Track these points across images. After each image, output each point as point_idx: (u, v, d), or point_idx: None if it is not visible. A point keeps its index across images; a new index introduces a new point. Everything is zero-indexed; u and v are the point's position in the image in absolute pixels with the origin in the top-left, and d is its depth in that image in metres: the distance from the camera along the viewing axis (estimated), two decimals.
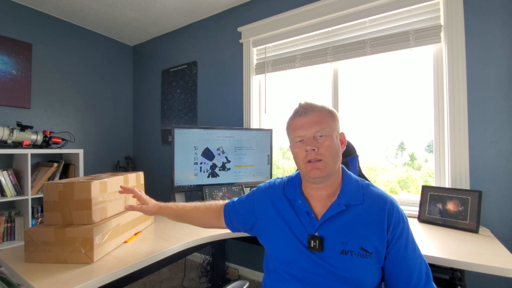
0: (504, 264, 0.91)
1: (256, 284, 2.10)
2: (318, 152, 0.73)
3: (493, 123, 1.40)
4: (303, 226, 0.76)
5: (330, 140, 0.74)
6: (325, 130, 0.74)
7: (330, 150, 0.73)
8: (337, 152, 0.75)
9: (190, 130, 1.81)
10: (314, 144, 0.73)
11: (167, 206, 1.00)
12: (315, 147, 0.73)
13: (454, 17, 1.47)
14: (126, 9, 2.41)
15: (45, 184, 1.01)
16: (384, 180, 1.90)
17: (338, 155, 0.76)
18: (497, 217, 1.38)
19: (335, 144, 0.75)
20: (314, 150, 0.73)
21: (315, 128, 0.74)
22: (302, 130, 0.76)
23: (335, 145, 0.75)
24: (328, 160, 0.73)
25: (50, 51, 2.48)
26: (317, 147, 0.73)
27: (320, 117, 0.75)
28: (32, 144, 2.13)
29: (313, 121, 0.75)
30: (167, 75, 2.87)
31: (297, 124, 0.77)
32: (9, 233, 2.02)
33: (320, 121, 0.74)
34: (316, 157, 0.73)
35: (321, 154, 0.73)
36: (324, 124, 0.74)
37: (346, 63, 1.89)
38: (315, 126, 0.74)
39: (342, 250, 0.70)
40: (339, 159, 0.76)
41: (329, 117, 0.76)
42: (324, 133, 0.74)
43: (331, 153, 0.73)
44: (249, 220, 0.89)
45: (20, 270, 0.88)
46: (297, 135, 0.77)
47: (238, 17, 2.33)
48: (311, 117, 0.75)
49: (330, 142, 0.74)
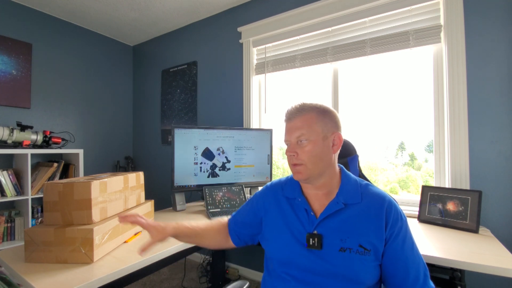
0: (504, 264, 0.91)
1: (256, 284, 2.09)
2: (298, 157, 0.76)
3: (493, 123, 1.40)
4: (302, 225, 0.76)
5: (311, 145, 0.74)
6: (307, 135, 0.75)
7: (310, 154, 0.74)
8: (319, 155, 0.74)
9: (190, 130, 1.81)
10: (294, 149, 0.77)
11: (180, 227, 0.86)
12: (294, 152, 0.76)
13: (454, 17, 1.47)
14: (126, 9, 2.41)
15: (45, 184, 1.01)
16: (384, 180, 1.90)
17: (322, 158, 0.75)
18: (497, 217, 1.38)
19: (317, 148, 0.74)
20: (293, 155, 0.76)
21: (296, 133, 0.76)
22: (287, 135, 0.79)
23: (317, 149, 0.74)
24: (309, 165, 0.74)
25: (50, 51, 2.48)
26: (296, 152, 0.76)
27: (303, 121, 0.76)
28: (32, 144, 2.13)
29: (295, 126, 0.77)
30: (167, 75, 2.87)
31: (286, 128, 0.81)
32: (9, 233, 2.02)
33: (302, 126, 0.76)
34: (296, 162, 0.76)
35: (300, 159, 0.75)
36: (306, 129, 0.75)
37: (346, 63, 1.89)
38: (297, 131, 0.76)
39: (341, 248, 0.70)
40: (323, 162, 0.75)
41: (315, 119, 0.75)
42: (305, 138, 0.75)
43: (310, 158, 0.74)
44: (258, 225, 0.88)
45: (20, 270, 0.88)
46: (285, 140, 0.81)
47: (238, 17, 2.33)
48: (295, 122, 0.77)
49: (311, 146, 0.74)
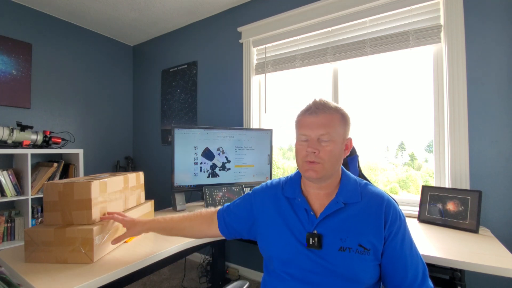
0: (504, 264, 0.91)
1: (256, 284, 2.09)
2: (318, 155, 0.72)
3: (493, 123, 1.40)
4: (301, 225, 0.76)
5: (333, 145, 0.73)
6: (331, 134, 0.72)
7: (330, 155, 0.72)
8: (337, 157, 0.74)
9: (190, 130, 1.81)
10: (316, 146, 0.72)
11: (153, 220, 0.98)
12: (316, 149, 0.72)
13: (454, 17, 1.47)
14: (126, 9, 2.41)
15: (45, 184, 1.00)
16: (384, 180, 1.90)
17: (338, 160, 0.75)
18: (497, 217, 1.38)
19: (337, 149, 0.74)
20: (314, 153, 0.72)
21: (321, 130, 0.73)
22: (308, 130, 0.74)
23: (337, 151, 0.74)
24: (327, 165, 0.73)
25: (50, 51, 2.48)
26: (318, 150, 0.72)
27: (329, 120, 0.73)
28: (32, 144, 2.13)
29: (321, 123, 0.73)
30: (167, 75, 2.87)
31: (306, 122, 0.76)
32: (9, 233, 2.02)
33: (328, 124, 0.73)
34: (315, 160, 0.72)
35: (320, 158, 0.72)
36: (331, 128, 0.73)
37: (346, 63, 1.88)
38: (322, 128, 0.73)
39: (340, 247, 0.70)
40: (338, 164, 0.76)
41: (339, 121, 0.75)
42: (329, 138, 0.72)
43: (330, 158, 0.73)
44: (248, 221, 0.89)
45: (20, 270, 0.88)
46: (302, 133, 0.76)
47: (238, 17, 2.33)
48: (320, 118, 0.73)
49: (332, 147, 0.73)
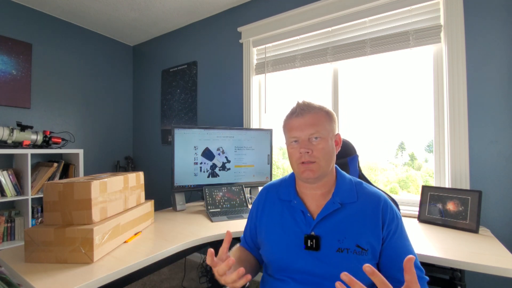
0: (504, 264, 0.91)
1: (256, 284, 2.09)
2: (312, 155, 0.73)
3: (493, 123, 1.40)
4: (298, 227, 0.76)
5: (324, 143, 0.74)
6: (320, 132, 0.74)
7: (323, 152, 0.74)
8: (330, 154, 0.75)
9: (190, 130, 1.81)
10: (308, 146, 0.74)
11: None
12: (309, 149, 0.73)
13: (454, 17, 1.47)
14: (126, 9, 2.41)
15: (45, 184, 1.00)
16: (384, 180, 1.90)
17: (332, 157, 0.76)
18: (497, 217, 1.38)
19: (329, 146, 0.75)
20: (308, 153, 0.73)
21: (310, 130, 0.74)
22: (297, 131, 0.76)
23: (329, 147, 0.75)
24: (322, 162, 0.74)
25: (50, 51, 2.48)
26: (311, 149, 0.73)
27: (316, 118, 0.75)
28: (32, 144, 2.13)
29: (308, 122, 0.74)
30: (167, 75, 2.87)
31: (293, 124, 0.77)
32: (9, 233, 2.02)
33: (315, 123, 0.74)
34: (310, 159, 0.73)
35: (314, 157, 0.73)
36: (320, 126, 0.74)
37: (346, 63, 1.88)
38: (311, 128, 0.74)
39: (338, 248, 0.70)
40: (332, 161, 0.77)
41: (326, 119, 0.76)
42: (319, 135, 0.74)
43: (324, 156, 0.74)
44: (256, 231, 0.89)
45: (20, 270, 0.88)
46: (292, 136, 0.77)
47: (238, 17, 2.33)
48: (307, 119, 0.75)
49: (324, 144, 0.74)
